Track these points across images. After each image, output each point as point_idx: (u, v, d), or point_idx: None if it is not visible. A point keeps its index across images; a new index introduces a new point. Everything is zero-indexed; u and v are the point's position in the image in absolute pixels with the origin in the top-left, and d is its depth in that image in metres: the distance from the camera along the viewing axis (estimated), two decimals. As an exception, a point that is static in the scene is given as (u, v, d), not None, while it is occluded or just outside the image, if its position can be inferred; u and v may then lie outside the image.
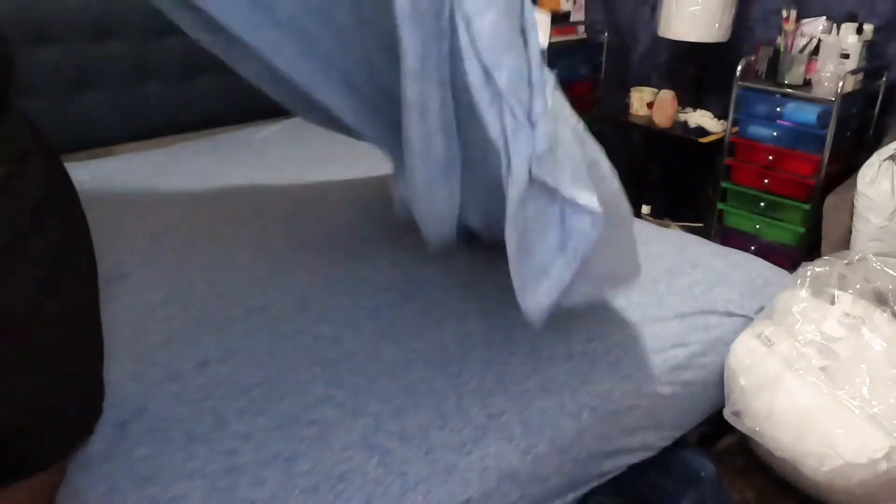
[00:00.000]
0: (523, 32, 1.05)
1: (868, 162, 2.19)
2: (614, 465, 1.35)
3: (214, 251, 1.76)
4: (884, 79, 2.41)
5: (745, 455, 1.62)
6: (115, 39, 2.40)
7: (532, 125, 1.05)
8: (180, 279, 1.63)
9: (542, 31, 3.05)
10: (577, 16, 3.24)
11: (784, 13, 2.41)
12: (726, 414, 1.50)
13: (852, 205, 2.19)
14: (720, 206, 2.63)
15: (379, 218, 1.93)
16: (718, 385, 1.55)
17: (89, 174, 2.17)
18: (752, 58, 2.50)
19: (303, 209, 2.02)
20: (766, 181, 2.46)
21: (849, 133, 2.40)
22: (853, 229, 2.20)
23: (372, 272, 1.66)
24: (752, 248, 2.43)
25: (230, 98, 2.69)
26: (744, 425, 1.47)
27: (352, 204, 2.07)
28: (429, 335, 1.43)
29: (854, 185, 2.19)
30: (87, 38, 2.34)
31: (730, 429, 1.77)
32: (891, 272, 1.61)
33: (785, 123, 2.37)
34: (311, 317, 1.48)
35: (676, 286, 1.65)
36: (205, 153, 2.47)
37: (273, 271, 1.67)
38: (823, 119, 2.27)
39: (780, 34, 2.43)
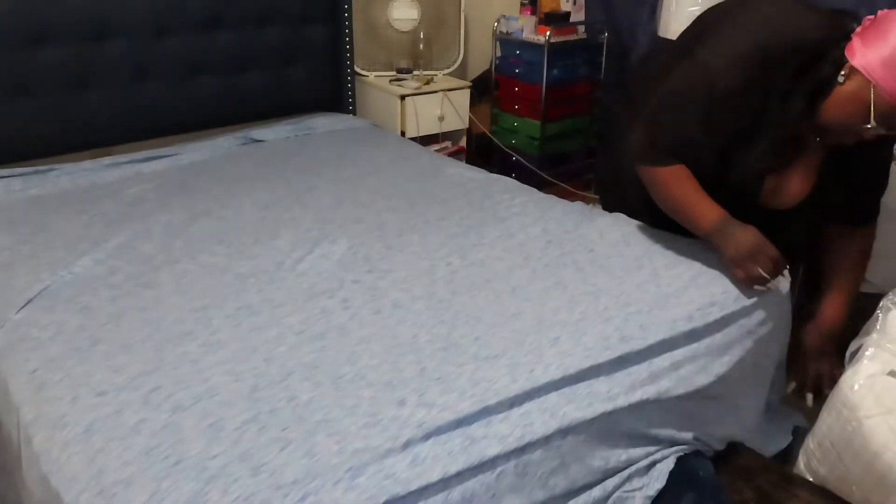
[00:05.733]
0: None
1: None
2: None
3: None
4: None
5: (745, 455, 1.62)
6: (115, 39, 2.39)
7: None
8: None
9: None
10: (577, 16, 3.25)
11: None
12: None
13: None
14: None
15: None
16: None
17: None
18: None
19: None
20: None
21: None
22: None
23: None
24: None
25: (230, 98, 2.69)
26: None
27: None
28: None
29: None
30: (87, 38, 2.33)
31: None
32: None
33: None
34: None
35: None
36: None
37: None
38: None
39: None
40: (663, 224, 1.79)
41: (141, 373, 1.29)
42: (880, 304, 1.61)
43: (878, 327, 1.56)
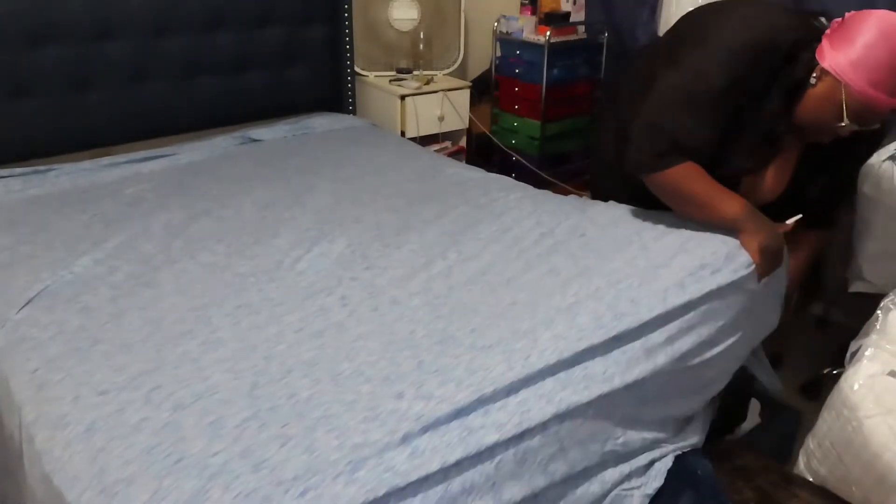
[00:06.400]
0: None
1: (868, 163, 2.17)
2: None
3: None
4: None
5: (745, 455, 1.62)
6: (115, 39, 2.39)
7: None
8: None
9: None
10: (577, 16, 3.25)
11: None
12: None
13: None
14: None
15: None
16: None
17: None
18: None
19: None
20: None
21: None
22: (853, 231, 2.19)
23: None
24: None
25: (230, 98, 2.69)
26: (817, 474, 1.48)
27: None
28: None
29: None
30: (87, 38, 2.33)
31: (729, 428, 1.77)
32: None
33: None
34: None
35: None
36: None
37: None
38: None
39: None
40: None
41: (141, 372, 1.30)
42: (880, 305, 1.61)
43: (877, 328, 1.56)
